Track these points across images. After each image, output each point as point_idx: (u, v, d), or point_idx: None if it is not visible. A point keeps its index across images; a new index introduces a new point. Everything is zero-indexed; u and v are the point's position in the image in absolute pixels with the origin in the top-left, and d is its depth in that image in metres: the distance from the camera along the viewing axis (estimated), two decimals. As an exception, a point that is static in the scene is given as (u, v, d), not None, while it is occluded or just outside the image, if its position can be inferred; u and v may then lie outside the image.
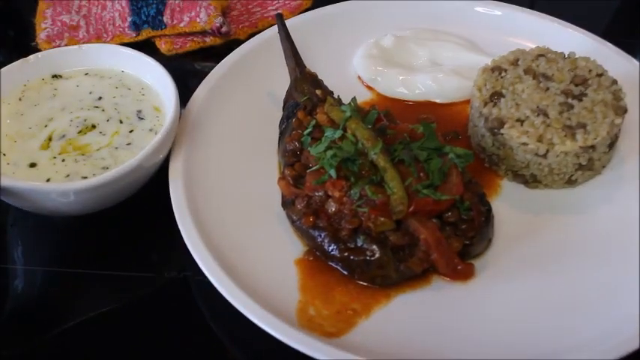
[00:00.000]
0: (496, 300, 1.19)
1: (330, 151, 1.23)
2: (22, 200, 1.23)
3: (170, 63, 1.46)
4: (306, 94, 1.43)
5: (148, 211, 1.36)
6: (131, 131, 1.35)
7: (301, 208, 1.24)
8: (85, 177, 1.25)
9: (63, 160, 1.29)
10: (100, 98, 1.41)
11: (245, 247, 1.24)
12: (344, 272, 1.20)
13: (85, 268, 1.28)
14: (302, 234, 1.26)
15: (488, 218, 1.24)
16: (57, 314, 1.22)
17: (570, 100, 1.36)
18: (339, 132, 1.27)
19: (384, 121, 1.32)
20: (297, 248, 1.26)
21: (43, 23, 1.82)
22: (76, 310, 1.23)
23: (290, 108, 1.45)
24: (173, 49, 1.77)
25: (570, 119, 1.33)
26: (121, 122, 1.36)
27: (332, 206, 1.21)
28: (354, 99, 1.36)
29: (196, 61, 1.76)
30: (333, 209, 1.21)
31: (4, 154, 1.29)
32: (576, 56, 1.46)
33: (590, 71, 1.42)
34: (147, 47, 1.74)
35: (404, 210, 1.16)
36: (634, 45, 1.73)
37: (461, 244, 1.20)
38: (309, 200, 1.24)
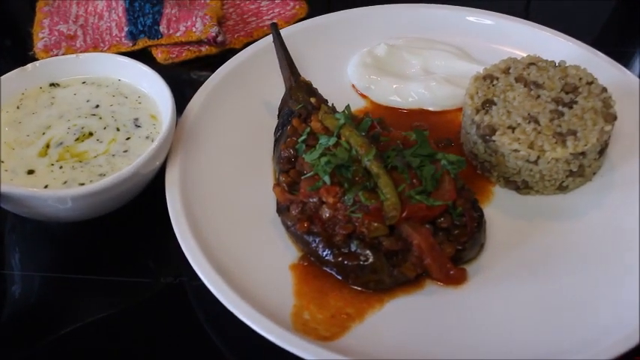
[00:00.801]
0: (488, 304, 1.20)
1: (325, 158, 1.24)
2: (20, 206, 1.24)
3: (166, 72, 1.47)
4: (300, 102, 1.44)
5: (145, 218, 1.37)
6: (128, 139, 1.36)
7: (296, 214, 1.25)
8: (83, 184, 1.26)
9: (60, 167, 1.30)
10: (97, 106, 1.43)
11: (240, 253, 1.26)
12: (338, 277, 1.21)
13: (82, 274, 1.29)
14: (297, 239, 1.27)
15: (480, 224, 1.25)
16: (54, 320, 1.23)
17: (561, 108, 1.38)
18: (334, 139, 1.28)
19: (378, 129, 1.33)
20: (292, 254, 1.27)
21: (41, 33, 1.83)
22: (73, 316, 1.24)
23: (285, 116, 1.46)
24: (169, 58, 1.78)
25: (561, 126, 1.34)
26: (118, 130, 1.38)
27: (326, 212, 1.22)
28: (348, 106, 1.37)
29: (192, 70, 1.78)
30: (328, 215, 1.22)
31: (3, 162, 1.30)
32: (567, 64, 1.48)
33: (580, 79, 1.44)
34: (143, 56, 1.75)
35: (397, 215, 1.18)
36: (624, 54, 1.75)
37: (453, 250, 1.21)
38: (303, 206, 1.25)
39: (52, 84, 1.46)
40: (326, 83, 1.57)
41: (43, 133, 1.36)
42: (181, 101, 1.46)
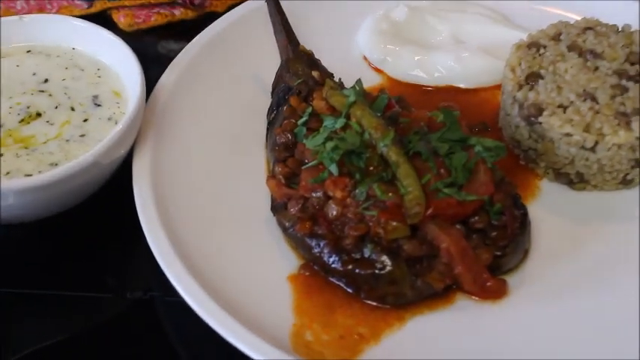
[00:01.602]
0: (532, 324, 1.22)
1: (331, 143, 1.27)
2: (-52, 204, 1.25)
3: (131, 41, 1.49)
4: (300, 77, 1.47)
5: (107, 218, 1.40)
6: (85, 120, 1.39)
7: (295, 213, 1.28)
8: (29, 175, 1.28)
9: (1, 155, 1.32)
10: (47, 81, 1.46)
11: (227, 261, 1.28)
12: (348, 289, 1.24)
13: (30, 289, 1.31)
14: (296, 244, 1.30)
15: (523, 225, 1.28)
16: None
17: (625, 82, 1.40)
18: (342, 120, 1.31)
19: (396, 108, 1.36)
20: (290, 262, 1.30)
21: (-30, -10, 1.85)
22: (19, 342, 1.25)
23: (280, 93, 1.50)
24: (135, 24, 1.81)
25: (624, 105, 1.37)
26: (73, 110, 1.41)
27: (333, 209, 1.25)
28: (359, 81, 1.39)
29: (164, 39, 1.81)
30: (335, 213, 1.24)
31: None
32: (632, 29, 1.51)
33: (648, 47, 1.47)
34: (101, 22, 1.70)
35: (421, 213, 1.20)
36: None
37: (491, 256, 1.23)
38: (304, 203, 1.28)
39: (-12, 53, 1.49)
40: (331, 54, 1.60)
41: (-22, 114, 1.39)
42: (151, 76, 1.48)
